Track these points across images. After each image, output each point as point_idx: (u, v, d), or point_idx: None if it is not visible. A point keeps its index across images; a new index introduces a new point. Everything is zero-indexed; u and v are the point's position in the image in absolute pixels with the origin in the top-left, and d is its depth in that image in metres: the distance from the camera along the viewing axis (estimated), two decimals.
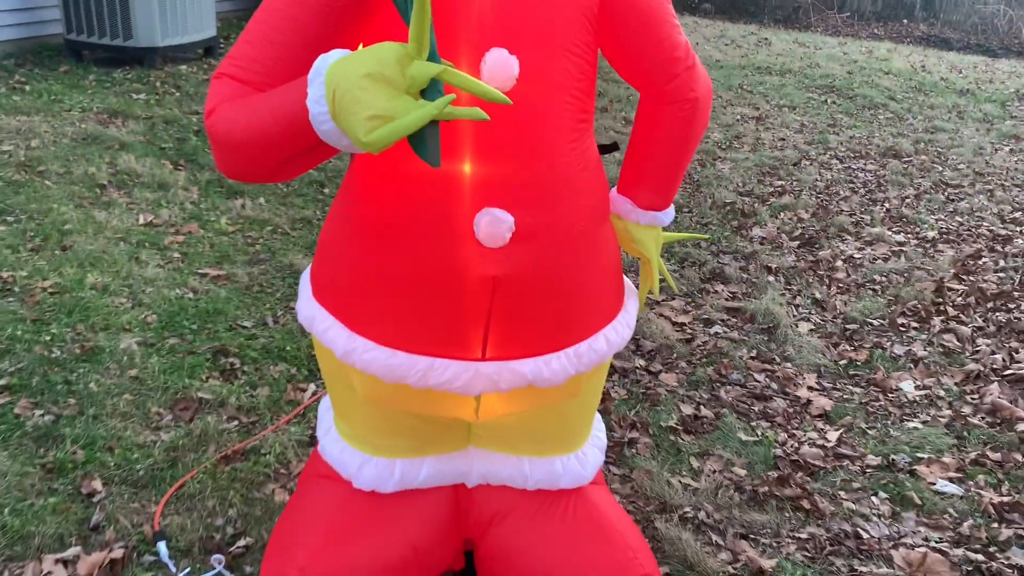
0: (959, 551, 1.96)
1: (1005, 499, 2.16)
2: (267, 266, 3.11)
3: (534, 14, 1.21)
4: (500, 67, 1.19)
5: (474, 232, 1.22)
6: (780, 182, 4.84)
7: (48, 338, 2.43)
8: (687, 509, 2.02)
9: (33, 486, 1.84)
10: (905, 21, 15.94)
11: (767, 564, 1.85)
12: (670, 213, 1.55)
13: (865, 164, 5.38)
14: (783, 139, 5.82)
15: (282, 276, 3.05)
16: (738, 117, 6.35)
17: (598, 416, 1.69)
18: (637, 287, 2.18)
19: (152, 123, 4.65)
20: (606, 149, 1.47)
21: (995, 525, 2.07)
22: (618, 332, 1.46)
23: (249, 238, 3.34)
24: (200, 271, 2.99)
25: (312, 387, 2.35)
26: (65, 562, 1.63)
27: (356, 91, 0.97)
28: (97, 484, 1.86)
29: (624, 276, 1.53)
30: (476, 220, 1.22)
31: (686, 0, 15.50)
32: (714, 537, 1.94)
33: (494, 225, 1.22)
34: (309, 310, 1.44)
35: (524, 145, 1.22)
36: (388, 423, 1.51)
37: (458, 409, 1.45)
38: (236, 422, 2.16)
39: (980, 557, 1.94)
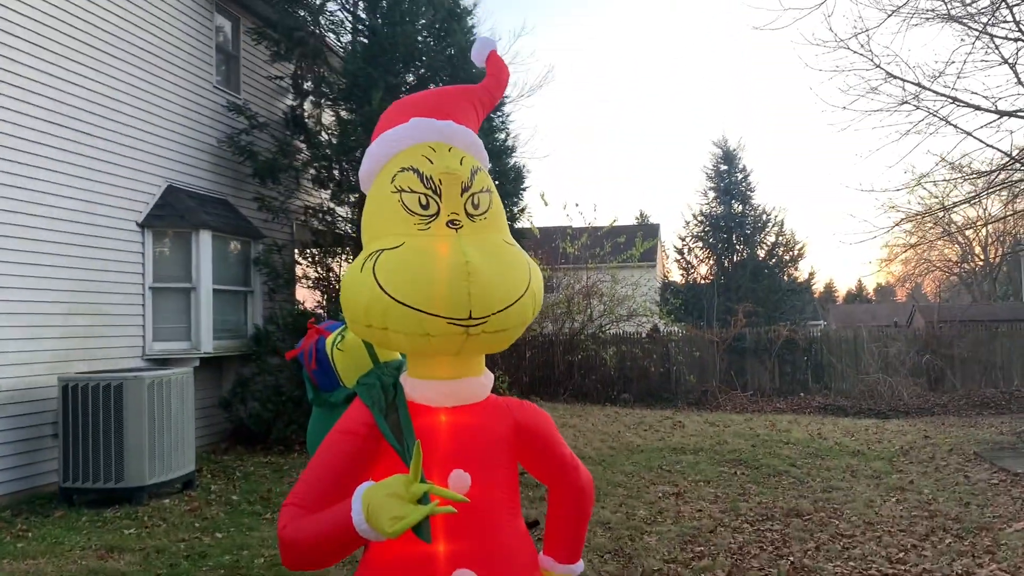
0: None
1: None
2: None
3: (476, 448, 2.05)
4: (459, 481, 1.99)
5: None
6: (700, 548, 5.53)
7: None
8: None
9: None
10: (803, 394, 17.77)
11: None
12: (580, 565, 2.28)
13: (772, 525, 6.15)
14: (700, 510, 6.61)
15: None
16: (660, 494, 7.18)
17: None
18: None
19: (146, 554, 5.21)
20: (531, 526, 2.22)
21: None
22: None
23: None
24: None
25: None
26: None
27: (382, 504, 1.76)
28: None
29: None
30: None
31: (607, 393, 17.17)
32: None
33: None
34: None
35: (478, 526, 1.99)
36: None
37: None
38: None
39: None
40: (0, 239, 6.88)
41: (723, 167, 32.51)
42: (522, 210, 12.34)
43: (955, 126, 11.95)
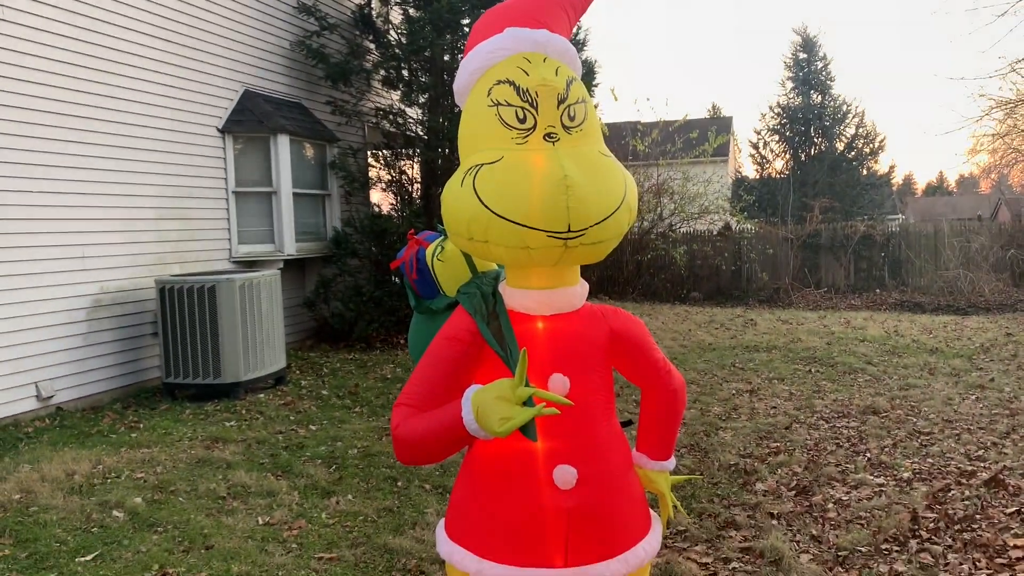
0: None
1: None
2: (366, 547, 3.85)
3: (573, 353, 2.14)
4: (559, 384, 2.10)
5: (553, 480, 2.05)
6: (775, 443, 5.63)
7: None
8: None
9: None
10: (878, 291, 17.43)
11: None
12: (672, 462, 2.39)
13: (848, 422, 6.20)
14: (775, 407, 6.70)
15: (380, 553, 3.78)
16: (733, 391, 7.28)
17: None
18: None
19: (248, 444, 5.58)
20: (625, 425, 2.33)
21: None
22: (651, 544, 2.24)
23: (347, 527, 4.11)
24: (316, 555, 3.73)
25: None
26: None
27: (491, 405, 1.87)
28: None
29: (649, 508, 2.32)
30: (554, 473, 2.05)
31: (677, 292, 17.17)
32: None
33: (565, 475, 2.05)
34: (447, 547, 2.23)
35: (576, 425, 2.10)
36: None
37: None
38: None
39: None
40: (98, 148, 7.13)
41: (802, 55, 31.12)
42: (595, 106, 12.12)
43: None
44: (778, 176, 31.04)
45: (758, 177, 31.92)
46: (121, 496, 4.48)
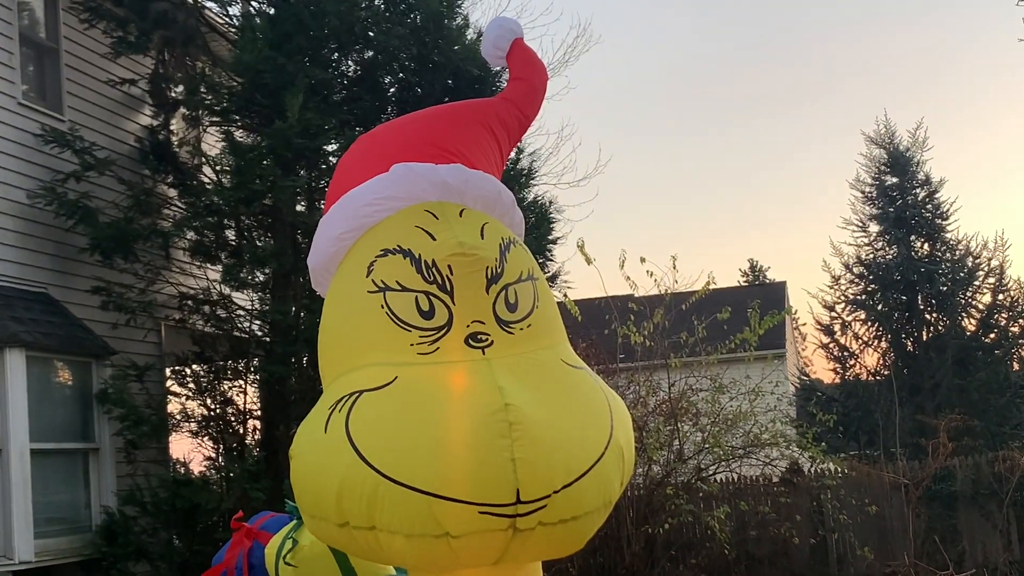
0: None
1: None
2: None
3: None
4: None
5: None
6: None
7: None
8: None
9: None
10: None
11: None
12: None
13: None
14: None
15: None
16: None
17: None
18: None
19: None
20: None
21: None
22: None
23: None
24: None
25: None
26: None
27: None
28: None
29: None
30: None
31: None
32: None
33: None
34: None
35: None
36: None
37: None
38: None
39: None
40: None
41: (890, 179, 32.56)
42: (552, 276, 12.46)
43: None
44: (871, 379, 31.66)
45: (838, 381, 32.55)
46: None
